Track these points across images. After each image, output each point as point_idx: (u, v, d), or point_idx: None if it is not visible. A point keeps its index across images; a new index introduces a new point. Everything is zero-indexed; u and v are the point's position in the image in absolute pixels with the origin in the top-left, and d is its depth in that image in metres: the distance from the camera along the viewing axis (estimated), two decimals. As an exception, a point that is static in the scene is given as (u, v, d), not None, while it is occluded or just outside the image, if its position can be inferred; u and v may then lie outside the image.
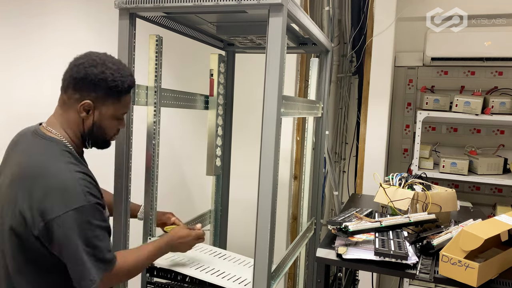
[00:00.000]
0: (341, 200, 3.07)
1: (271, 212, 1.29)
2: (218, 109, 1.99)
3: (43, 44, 2.00)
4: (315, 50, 2.06)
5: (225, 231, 2.25)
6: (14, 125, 1.90)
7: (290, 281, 2.98)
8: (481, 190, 2.86)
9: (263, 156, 1.28)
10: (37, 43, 1.98)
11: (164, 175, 1.98)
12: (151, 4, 1.34)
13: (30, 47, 1.94)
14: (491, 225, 1.27)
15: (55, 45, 2.05)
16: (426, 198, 1.61)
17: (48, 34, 2.02)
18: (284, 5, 1.22)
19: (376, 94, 2.69)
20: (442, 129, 2.94)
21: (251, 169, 1.77)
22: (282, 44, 1.24)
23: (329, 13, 2.75)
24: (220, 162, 2.05)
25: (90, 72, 1.17)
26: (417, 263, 1.30)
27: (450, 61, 2.73)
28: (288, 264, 1.66)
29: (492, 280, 1.22)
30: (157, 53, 1.56)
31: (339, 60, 3.08)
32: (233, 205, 2.30)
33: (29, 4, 1.93)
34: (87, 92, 1.18)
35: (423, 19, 2.64)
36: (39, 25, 1.98)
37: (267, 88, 1.27)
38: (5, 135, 1.23)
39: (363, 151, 2.75)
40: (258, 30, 1.69)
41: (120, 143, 1.42)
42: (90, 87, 1.17)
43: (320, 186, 2.18)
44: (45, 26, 2.01)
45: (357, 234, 1.43)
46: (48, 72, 2.02)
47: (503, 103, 2.44)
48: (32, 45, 1.96)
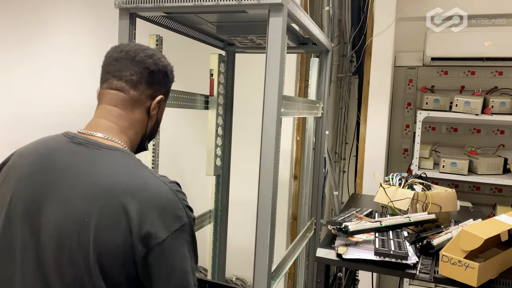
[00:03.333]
0: (341, 200, 3.07)
1: (271, 212, 1.29)
2: (218, 109, 1.99)
3: (43, 44, 2.00)
4: (315, 50, 2.06)
5: (225, 231, 2.24)
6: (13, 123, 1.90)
7: (290, 281, 2.98)
8: (481, 190, 2.86)
9: (263, 156, 1.28)
10: (37, 43, 1.98)
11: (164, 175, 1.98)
12: (151, 4, 1.34)
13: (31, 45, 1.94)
14: (491, 225, 1.27)
15: (55, 45, 2.05)
16: (426, 198, 1.61)
17: (48, 33, 2.02)
18: (284, 5, 1.22)
19: (376, 94, 2.69)
20: (442, 129, 2.94)
21: (251, 169, 1.77)
22: (282, 44, 1.24)
23: (329, 13, 2.75)
24: (220, 162, 2.05)
25: (166, 63, 1.06)
26: (417, 263, 1.30)
27: (450, 61, 2.73)
28: (288, 264, 1.66)
29: (492, 280, 1.22)
30: (157, 53, 1.55)
31: (339, 60, 3.08)
32: (233, 205, 2.30)
33: (29, 4, 1.92)
34: (159, 86, 1.05)
35: (423, 19, 2.65)
36: (39, 23, 1.98)
37: (267, 88, 1.27)
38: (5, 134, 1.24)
39: (363, 151, 2.75)
40: (258, 30, 1.69)
41: (120, 143, 1.42)
42: (163, 80, 1.06)
43: (320, 186, 2.18)
44: (45, 26, 2.01)
45: (357, 234, 1.43)
46: (48, 72, 2.03)
47: (503, 103, 2.44)
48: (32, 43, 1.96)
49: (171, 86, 1.10)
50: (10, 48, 1.86)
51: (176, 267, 0.90)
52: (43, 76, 1.99)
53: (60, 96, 2.06)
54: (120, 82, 1.00)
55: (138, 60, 1.01)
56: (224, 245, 2.25)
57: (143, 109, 1.03)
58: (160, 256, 0.88)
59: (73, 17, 2.14)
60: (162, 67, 1.04)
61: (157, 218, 0.88)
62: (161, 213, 0.88)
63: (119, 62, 1.01)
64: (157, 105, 1.04)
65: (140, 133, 1.05)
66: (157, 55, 1.04)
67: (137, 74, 1.00)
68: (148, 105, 1.03)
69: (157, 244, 0.87)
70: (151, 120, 1.06)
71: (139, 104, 1.02)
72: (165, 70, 1.05)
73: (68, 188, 0.90)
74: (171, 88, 1.11)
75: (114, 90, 1.00)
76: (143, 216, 0.87)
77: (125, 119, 1.01)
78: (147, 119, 1.05)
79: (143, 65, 1.01)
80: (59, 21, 2.07)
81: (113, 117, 1.00)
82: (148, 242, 0.86)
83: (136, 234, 0.86)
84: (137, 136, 1.04)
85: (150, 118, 1.05)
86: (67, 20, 2.11)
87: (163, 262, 0.88)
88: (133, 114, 1.02)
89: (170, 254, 0.89)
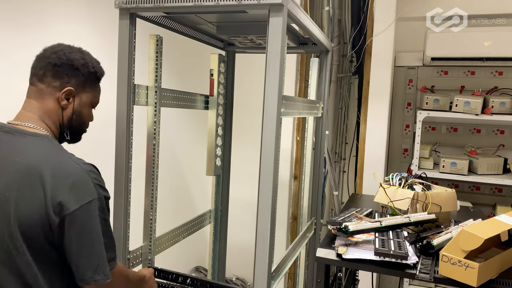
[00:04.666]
0: (341, 200, 3.07)
1: (271, 212, 1.29)
2: (218, 109, 1.99)
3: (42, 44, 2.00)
4: (315, 50, 2.06)
5: (225, 231, 2.25)
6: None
7: (290, 281, 2.98)
8: (481, 190, 2.86)
9: (263, 156, 1.28)
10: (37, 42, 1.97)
11: (164, 175, 1.98)
12: (151, 4, 1.34)
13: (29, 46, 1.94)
14: (491, 225, 1.27)
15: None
16: (426, 198, 1.61)
17: (48, 34, 2.02)
18: (284, 5, 1.22)
19: (376, 94, 2.69)
20: (442, 129, 2.94)
21: (251, 169, 1.77)
22: (282, 44, 1.24)
23: (329, 13, 2.75)
24: (220, 162, 2.05)
25: (73, 57, 1.16)
26: (417, 263, 1.30)
27: (450, 61, 2.73)
28: (288, 264, 1.66)
29: (492, 280, 1.22)
30: (157, 53, 1.56)
31: (339, 60, 3.08)
32: (233, 205, 2.30)
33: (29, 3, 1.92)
34: (67, 78, 1.16)
35: (423, 19, 2.65)
36: (39, 23, 1.97)
37: (267, 88, 1.27)
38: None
39: (363, 151, 2.75)
40: (258, 30, 1.69)
41: (120, 143, 1.42)
42: (71, 73, 1.16)
43: (320, 186, 2.18)
44: (45, 25, 2.01)
45: (357, 234, 1.43)
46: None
47: (503, 103, 2.44)
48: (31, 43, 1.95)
49: (89, 79, 1.20)
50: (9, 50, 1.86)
51: (86, 236, 1.05)
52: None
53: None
54: (33, 77, 1.17)
55: (46, 56, 1.16)
56: (224, 245, 2.25)
57: (53, 100, 1.15)
58: (70, 225, 1.03)
59: (72, 18, 2.14)
60: (66, 60, 1.15)
61: (68, 191, 1.03)
62: (72, 187, 1.04)
63: (36, 61, 1.18)
64: (64, 96, 1.15)
65: (57, 122, 1.17)
66: (64, 51, 1.16)
67: (43, 68, 1.15)
68: (57, 96, 1.15)
69: (68, 215, 1.02)
70: (66, 111, 1.17)
71: (47, 95, 1.15)
72: (71, 63, 1.16)
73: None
74: (92, 82, 1.20)
75: (30, 84, 1.17)
76: (56, 189, 1.03)
77: (39, 109, 1.15)
78: (60, 109, 1.17)
79: (47, 60, 1.15)
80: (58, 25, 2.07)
81: (31, 108, 1.16)
82: (60, 212, 1.02)
83: (49, 203, 1.02)
84: (54, 125, 1.17)
85: (65, 108, 1.17)
86: (66, 24, 2.11)
87: (73, 231, 1.04)
88: (45, 104, 1.15)
89: (80, 224, 1.04)
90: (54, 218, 1.02)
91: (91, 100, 1.23)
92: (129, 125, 1.43)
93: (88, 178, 1.07)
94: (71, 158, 1.09)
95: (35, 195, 1.03)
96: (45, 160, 1.07)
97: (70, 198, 1.03)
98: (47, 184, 1.03)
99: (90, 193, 1.06)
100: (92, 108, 1.26)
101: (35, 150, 1.09)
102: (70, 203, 1.03)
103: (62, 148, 1.14)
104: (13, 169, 1.06)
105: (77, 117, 1.20)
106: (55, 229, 1.03)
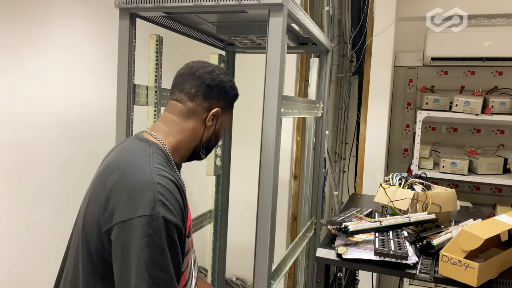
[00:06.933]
0: (341, 200, 3.07)
1: (271, 212, 1.29)
2: (218, 109, 1.99)
3: (42, 44, 2.00)
4: (315, 50, 2.06)
5: (225, 231, 2.24)
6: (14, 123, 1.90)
7: (290, 281, 2.98)
8: (481, 190, 2.86)
9: (263, 156, 1.28)
10: (36, 42, 1.98)
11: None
12: (151, 4, 1.34)
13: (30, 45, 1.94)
14: (491, 225, 1.27)
15: (55, 44, 2.05)
16: (426, 198, 1.61)
17: (48, 33, 2.02)
18: (284, 5, 1.22)
19: (376, 94, 2.69)
20: (442, 129, 2.94)
21: (251, 169, 1.77)
22: (282, 44, 1.24)
23: (329, 13, 2.75)
24: (220, 162, 2.05)
25: (224, 79, 1.16)
26: (417, 263, 1.30)
27: (450, 61, 2.74)
28: (288, 264, 1.66)
29: (492, 280, 1.22)
30: (157, 53, 1.56)
31: (339, 60, 3.08)
32: (233, 205, 2.30)
33: (29, 3, 1.92)
34: (217, 100, 1.15)
35: (423, 19, 2.65)
36: (39, 21, 1.97)
37: (267, 88, 1.27)
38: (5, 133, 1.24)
39: (363, 151, 2.75)
40: (258, 30, 1.69)
41: (120, 143, 1.42)
42: (221, 95, 1.16)
43: (320, 186, 2.18)
44: (45, 25, 2.01)
45: (357, 234, 1.43)
46: (48, 72, 2.02)
47: (503, 103, 2.44)
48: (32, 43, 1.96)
49: (232, 102, 1.22)
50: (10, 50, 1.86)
51: (122, 261, 0.90)
52: (43, 77, 1.99)
53: (60, 96, 2.06)
54: (180, 94, 1.14)
55: (198, 75, 1.14)
56: (224, 245, 2.25)
57: (199, 120, 1.14)
58: (115, 239, 0.92)
59: (72, 20, 2.14)
60: (219, 82, 1.15)
61: (126, 198, 0.93)
62: (131, 195, 0.93)
63: (182, 77, 1.15)
64: (213, 117, 1.15)
65: (193, 141, 1.15)
66: (216, 72, 1.16)
67: (195, 87, 1.13)
68: (204, 116, 1.14)
69: (119, 223, 0.91)
70: (207, 131, 1.16)
71: (194, 114, 1.14)
72: (223, 85, 1.15)
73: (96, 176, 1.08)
74: (233, 104, 1.22)
75: (175, 100, 1.15)
76: (115, 190, 0.95)
77: (178, 126, 1.13)
78: (203, 129, 1.15)
79: (201, 80, 1.13)
80: (58, 25, 2.07)
81: (167, 122, 1.14)
82: (111, 217, 0.93)
83: (104, 204, 0.95)
84: (188, 143, 1.15)
85: (207, 128, 1.16)
86: (66, 24, 2.11)
87: (114, 249, 0.92)
88: (187, 123, 1.13)
89: (120, 243, 0.91)
90: (106, 221, 0.94)
91: (227, 122, 1.24)
92: (129, 125, 1.43)
93: (150, 190, 0.93)
94: (150, 166, 0.99)
95: (101, 191, 0.98)
96: (124, 161, 1.02)
97: (126, 205, 0.92)
98: (110, 182, 0.97)
99: (142, 207, 0.91)
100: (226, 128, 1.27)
101: (128, 153, 1.06)
102: (118, 213, 0.92)
103: (152, 155, 1.03)
104: (99, 170, 1.09)
105: (215, 137, 1.21)
106: (104, 235, 0.94)
